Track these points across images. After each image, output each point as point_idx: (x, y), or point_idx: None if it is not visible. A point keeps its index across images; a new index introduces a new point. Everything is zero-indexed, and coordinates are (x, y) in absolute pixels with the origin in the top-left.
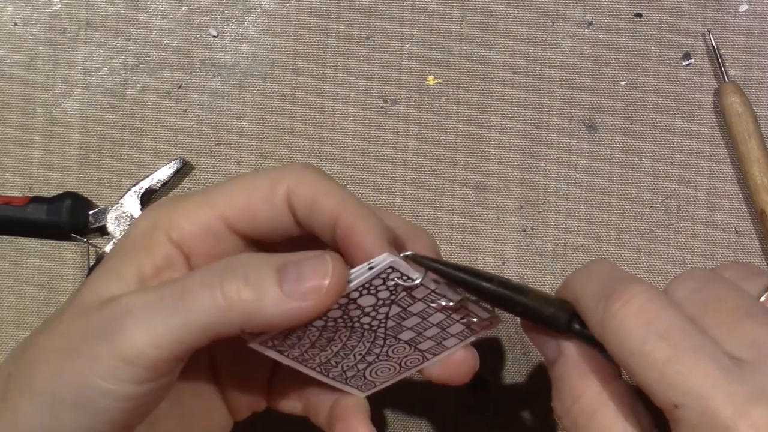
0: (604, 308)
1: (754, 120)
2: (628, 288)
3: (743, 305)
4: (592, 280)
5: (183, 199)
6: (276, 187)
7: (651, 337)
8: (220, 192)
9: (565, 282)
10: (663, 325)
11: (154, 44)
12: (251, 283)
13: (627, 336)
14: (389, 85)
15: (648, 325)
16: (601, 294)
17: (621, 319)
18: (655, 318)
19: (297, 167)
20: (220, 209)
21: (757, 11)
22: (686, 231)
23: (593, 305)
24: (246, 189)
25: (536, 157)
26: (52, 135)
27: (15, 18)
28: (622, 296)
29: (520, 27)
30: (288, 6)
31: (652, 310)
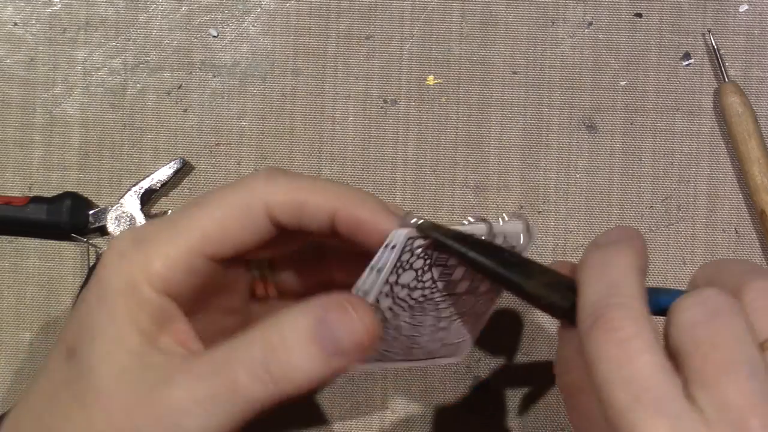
0: (589, 327)
1: (754, 120)
2: (618, 316)
3: (734, 360)
4: (600, 277)
5: (152, 239)
6: (251, 204)
7: (618, 379)
8: (189, 222)
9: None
10: (635, 369)
11: (154, 44)
12: (295, 364)
13: (598, 367)
14: (389, 85)
15: (620, 367)
16: (596, 306)
17: (598, 349)
18: (630, 360)
19: (262, 177)
20: (195, 242)
21: (757, 11)
22: (686, 231)
23: (585, 314)
24: (217, 212)
25: (536, 157)
26: (52, 135)
27: (15, 18)
28: (607, 324)
29: (520, 27)
30: (288, 6)
31: (631, 351)
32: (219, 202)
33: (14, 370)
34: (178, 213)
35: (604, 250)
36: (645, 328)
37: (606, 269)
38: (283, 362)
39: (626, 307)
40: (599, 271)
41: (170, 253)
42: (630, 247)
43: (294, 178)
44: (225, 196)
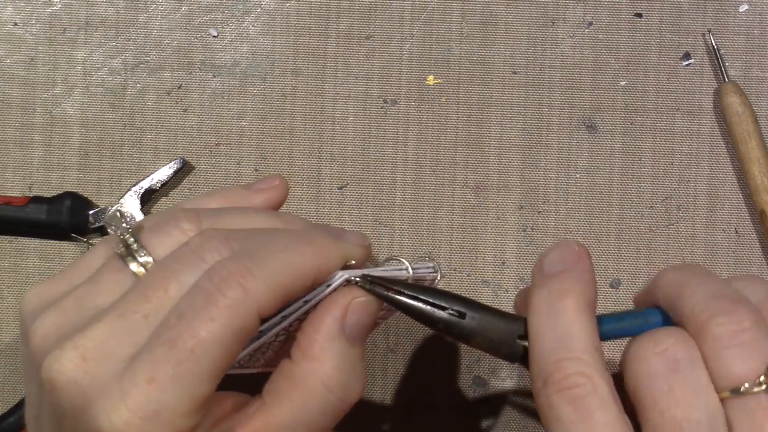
0: (543, 384)
1: (754, 120)
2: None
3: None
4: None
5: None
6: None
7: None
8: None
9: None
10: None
11: (154, 44)
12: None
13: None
14: (389, 85)
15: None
16: (547, 362)
17: (551, 407)
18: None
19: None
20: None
21: (757, 11)
22: (686, 231)
23: (537, 370)
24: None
25: (536, 157)
26: (52, 135)
27: (15, 18)
28: (560, 382)
29: (520, 27)
30: (288, 6)
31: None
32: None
33: (14, 370)
34: None
35: (547, 291)
36: (600, 385)
37: (552, 318)
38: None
39: (578, 362)
40: (545, 320)
41: (193, 410)
42: (576, 281)
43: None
44: (217, 339)
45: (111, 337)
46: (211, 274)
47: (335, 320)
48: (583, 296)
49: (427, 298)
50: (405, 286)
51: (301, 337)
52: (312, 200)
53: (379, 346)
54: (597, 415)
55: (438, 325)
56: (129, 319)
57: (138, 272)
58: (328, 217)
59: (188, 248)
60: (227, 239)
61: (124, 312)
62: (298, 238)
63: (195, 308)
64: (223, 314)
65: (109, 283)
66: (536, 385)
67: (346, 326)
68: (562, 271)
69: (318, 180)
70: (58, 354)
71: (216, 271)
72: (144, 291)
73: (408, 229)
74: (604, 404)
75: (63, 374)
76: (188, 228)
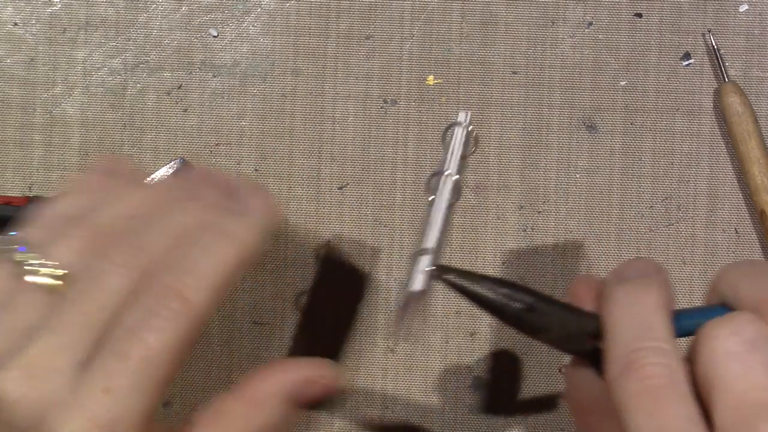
0: (619, 372)
1: (754, 120)
2: (650, 362)
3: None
4: (628, 318)
5: None
6: None
7: (650, 430)
8: None
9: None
10: (666, 421)
11: (154, 44)
12: None
13: (629, 416)
14: (389, 85)
15: (652, 418)
16: (626, 350)
17: (630, 398)
18: (662, 411)
19: None
20: None
21: (757, 11)
22: (686, 231)
23: (615, 358)
24: None
25: (536, 157)
26: (52, 135)
27: (15, 18)
28: (639, 372)
29: (520, 27)
30: (288, 6)
31: (663, 401)
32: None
33: None
34: None
35: (629, 286)
36: (678, 376)
37: (634, 308)
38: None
39: (658, 352)
40: (627, 310)
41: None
42: (656, 283)
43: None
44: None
45: (51, 352)
46: (150, 291)
47: (292, 383)
48: (664, 297)
49: (500, 290)
50: (480, 279)
51: (246, 380)
52: (312, 200)
53: (379, 346)
54: (675, 407)
55: (510, 319)
56: (64, 333)
57: (52, 284)
58: (328, 217)
59: (96, 253)
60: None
61: (57, 328)
62: (215, 236)
63: (141, 321)
64: (169, 325)
65: (26, 304)
66: (612, 372)
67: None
68: (644, 275)
69: (318, 180)
70: (3, 375)
71: (155, 288)
72: (71, 304)
73: (408, 229)
74: (683, 396)
75: (12, 392)
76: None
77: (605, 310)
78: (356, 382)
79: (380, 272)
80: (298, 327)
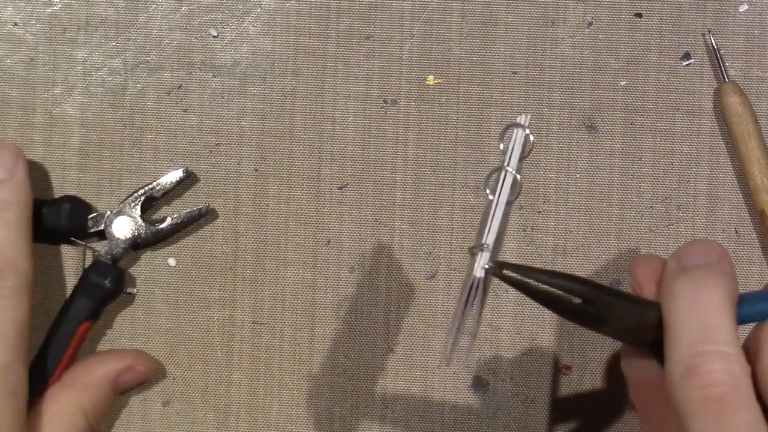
0: (682, 375)
1: (754, 120)
2: (714, 369)
3: None
4: (692, 316)
5: None
6: None
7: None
8: None
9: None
10: (729, 428)
11: (154, 44)
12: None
13: (693, 420)
14: (389, 85)
15: (716, 425)
16: (689, 352)
17: (694, 403)
18: (727, 419)
19: None
20: None
21: (757, 11)
22: (686, 231)
23: (677, 359)
24: None
25: (536, 157)
26: (52, 135)
27: (15, 18)
28: (703, 378)
29: (520, 27)
30: (288, 6)
31: (728, 408)
32: None
33: None
34: None
35: (691, 279)
36: (741, 383)
37: (697, 306)
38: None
39: (722, 357)
40: (689, 308)
41: None
42: (722, 275)
43: None
44: None
45: None
46: None
47: (115, 371)
48: (728, 290)
49: (559, 283)
50: (539, 273)
51: (77, 368)
52: (312, 200)
53: (379, 346)
54: (739, 415)
55: (571, 312)
56: None
57: None
58: (328, 217)
59: None
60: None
61: None
62: None
63: None
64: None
65: None
66: (674, 373)
67: (118, 380)
68: (707, 264)
69: (318, 180)
70: None
71: None
72: None
73: (408, 229)
74: (747, 403)
75: None
76: None
77: (666, 304)
78: (356, 382)
79: (380, 272)
80: (297, 327)
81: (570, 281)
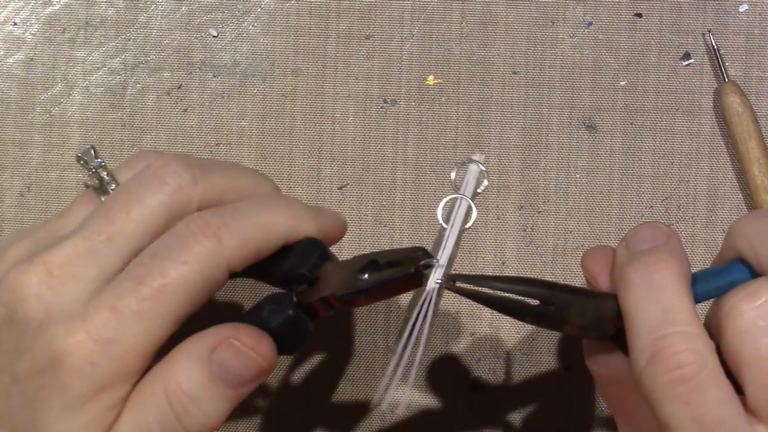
0: (647, 362)
1: (754, 120)
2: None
3: None
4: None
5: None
6: (216, 276)
7: (689, 419)
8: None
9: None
10: (704, 408)
11: (154, 44)
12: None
13: (663, 406)
14: (389, 85)
15: (688, 406)
16: (651, 337)
17: (662, 388)
18: (698, 399)
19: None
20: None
21: (757, 11)
22: (686, 231)
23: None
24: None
25: (536, 157)
26: (52, 135)
27: (14, 18)
28: (668, 360)
29: (520, 27)
30: (288, 6)
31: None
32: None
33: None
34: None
35: (645, 263)
36: (708, 360)
37: (653, 290)
38: (194, 415)
39: (685, 337)
40: (646, 293)
41: (146, 352)
42: (672, 255)
43: (247, 223)
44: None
45: (77, 257)
46: (189, 221)
47: (204, 346)
48: (681, 269)
49: (515, 288)
50: (491, 281)
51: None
52: (312, 200)
53: (379, 346)
54: (711, 393)
55: (530, 316)
56: (93, 240)
57: (102, 191)
58: None
59: (150, 171)
60: (189, 165)
61: (88, 233)
62: (275, 199)
63: (168, 249)
64: (195, 260)
65: (79, 212)
66: (639, 362)
67: (213, 357)
68: (655, 247)
69: (318, 180)
70: (25, 267)
71: (194, 219)
72: (106, 213)
73: (408, 229)
74: (716, 379)
75: (28, 287)
76: (149, 160)
77: (621, 294)
78: (355, 382)
79: None
80: None
81: (524, 284)
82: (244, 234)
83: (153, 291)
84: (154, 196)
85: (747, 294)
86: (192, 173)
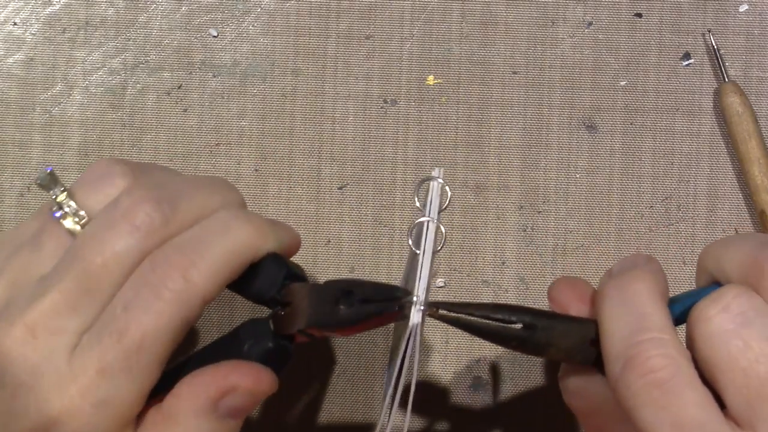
0: (621, 369)
1: (754, 120)
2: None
3: None
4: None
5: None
6: None
7: (667, 424)
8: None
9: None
10: (682, 412)
11: (154, 44)
12: None
13: (641, 412)
14: (389, 85)
15: (666, 410)
16: (625, 344)
17: (637, 394)
18: (675, 403)
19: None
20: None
21: (757, 11)
22: (686, 231)
23: (614, 355)
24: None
25: (536, 157)
26: (52, 135)
27: (14, 18)
28: (642, 366)
29: (520, 27)
30: (288, 6)
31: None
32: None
33: None
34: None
35: (618, 280)
36: (682, 364)
37: (626, 301)
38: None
39: (657, 342)
40: (619, 304)
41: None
42: (648, 271)
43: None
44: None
45: (57, 313)
46: (154, 264)
47: (208, 400)
48: (656, 283)
49: (496, 316)
50: (474, 308)
51: (170, 397)
52: (312, 200)
53: (379, 346)
54: (686, 396)
55: (512, 343)
56: (71, 294)
57: (73, 230)
58: (328, 217)
59: (119, 211)
60: (158, 202)
61: (64, 288)
62: (238, 218)
63: (141, 299)
64: (169, 308)
65: (50, 248)
66: (613, 370)
67: (219, 406)
68: (633, 266)
69: (318, 180)
70: (6, 329)
71: (159, 263)
72: (81, 262)
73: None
74: (691, 382)
75: (13, 349)
76: (122, 184)
77: (599, 310)
78: (355, 382)
79: (380, 272)
80: None
81: (506, 312)
82: (212, 267)
83: (135, 345)
84: (127, 242)
85: (712, 299)
86: (162, 214)
